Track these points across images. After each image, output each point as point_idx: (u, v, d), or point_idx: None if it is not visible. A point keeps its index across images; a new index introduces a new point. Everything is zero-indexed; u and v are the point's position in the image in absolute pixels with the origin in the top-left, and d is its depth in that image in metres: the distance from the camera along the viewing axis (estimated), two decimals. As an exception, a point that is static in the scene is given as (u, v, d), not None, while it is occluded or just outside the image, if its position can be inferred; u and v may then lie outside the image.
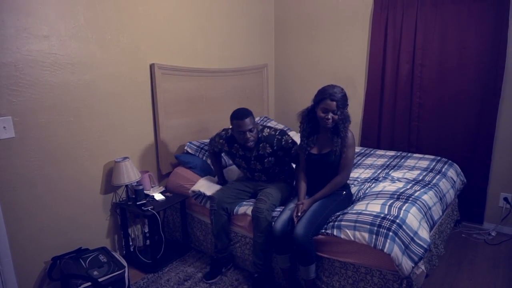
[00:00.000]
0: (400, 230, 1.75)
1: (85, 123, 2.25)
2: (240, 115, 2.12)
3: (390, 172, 2.48)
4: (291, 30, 3.65)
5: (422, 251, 1.75)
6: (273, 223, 2.02)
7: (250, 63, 3.49)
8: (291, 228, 1.94)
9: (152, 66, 2.57)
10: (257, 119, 3.53)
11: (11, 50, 1.88)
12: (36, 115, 2.01)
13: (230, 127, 2.24)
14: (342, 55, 3.37)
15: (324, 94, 1.90)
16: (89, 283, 1.93)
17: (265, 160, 2.23)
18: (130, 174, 2.33)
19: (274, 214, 2.09)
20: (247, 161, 2.27)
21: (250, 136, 2.13)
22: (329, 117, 1.89)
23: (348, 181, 2.14)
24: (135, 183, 2.41)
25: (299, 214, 1.93)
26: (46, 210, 2.11)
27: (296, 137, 3.34)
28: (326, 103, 1.88)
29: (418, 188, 2.17)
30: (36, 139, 2.03)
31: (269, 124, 3.44)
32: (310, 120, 2.03)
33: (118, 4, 2.33)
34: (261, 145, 2.21)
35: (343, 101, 1.90)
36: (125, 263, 2.12)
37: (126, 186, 2.44)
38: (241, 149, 2.24)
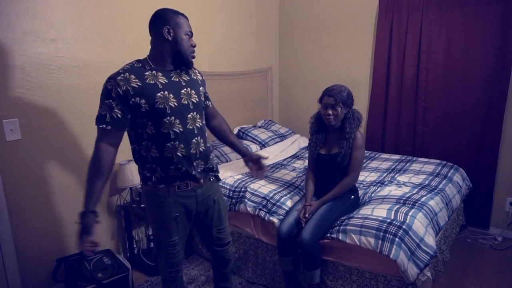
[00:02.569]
0: (407, 236, 1.74)
1: (91, 125, 2.24)
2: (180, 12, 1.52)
3: (395, 176, 2.47)
4: (295, 33, 3.65)
5: (428, 257, 1.73)
6: (279, 225, 2.01)
7: (254, 66, 3.49)
8: (297, 231, 1.94)
9: (157, 69, 2.57)
10: (261, 122, 3.53)
11: (18, 53, 1.89)
12: (42, 117, 2.03)
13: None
14: (346, 58, 3.36)
15: (324, 92, 2.00)
16: (93, 285, 1.93)
17: (200, 89, 1.58)
18: (134, 176, 2.34)
19: (280, 216, 2.08)
20: (176, 93, 1.46)
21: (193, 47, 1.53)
22: (329, 112, 1.93)
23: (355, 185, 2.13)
24: (140, 186, 2.42)
25: (307, 215, 1.93)
26: (51, 211, 2.12)
27: (299, 140, 3.36)
28: (325, 99, 1.96)
29: (424, 193, 2.16)
30: (42, 141, 2.04)
31: (273, 128, 3.44)
32: (319, 120, 2.07)
33: (123, 7, 2.34)
34: (191, 71, 1.59)
35: (342, 97, 1.93)
36: (129, 266, 2.12)
37: (131, 188, 2.44)
38: (162, 73, 1.45)
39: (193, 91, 1.53)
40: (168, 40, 1.46)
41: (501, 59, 2.58)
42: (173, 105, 1.44)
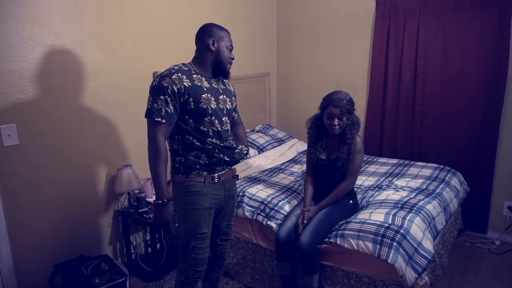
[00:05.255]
0: (404, 240, 1.74)
1: (89, 130, 2.26)
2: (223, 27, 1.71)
3: (393, 180, 2.48)
4: (293, 37, 3.67)
5: (426, 262, 1.73)
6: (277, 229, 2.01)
7: (252, 71, 3.51)
8: (295, 236, 1.93)
9: (155, 74, 2.58)
10: (259, 126, 3.54)
11: (16, 58, 1.90)
12: (40, 122, 2.03)
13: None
14: (344, 62, 3.38)
15: (327, 101, 1.95)
16: (91, 292, 1.92)
17: (232, 98, 1.77)
18: (132, 181, 2.34)
19: (278, 220, 2.08)
20: (216, 97, 1.63)
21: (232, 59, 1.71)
22: (335, 123, 1.92)
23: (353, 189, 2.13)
24: (137, 191, 2.42)
25: (305, 221, 1.93)
26: (48, 217, 2.11)
27: (297, 144, 3.36)
28: (330, 110, 1.93)
29: (422, 197, 2.16)
30: (40, 147, 2.04)
31: (271, 132, 3.44)
32: (317, 126, 2.05)
33: (122, 13, 2.35)
34: (226, 81, 1.77)
35: (347, 106, 1.92)
36: (126, 271, 2.11)
37: (128, 193, 2.44)
38: (205, 78, 1.63)
39: (227, 99, 1.71)
40: (212, 51, 1.64)
41: (497, 63, 2.60)
42: (213, 107, 1.61)
